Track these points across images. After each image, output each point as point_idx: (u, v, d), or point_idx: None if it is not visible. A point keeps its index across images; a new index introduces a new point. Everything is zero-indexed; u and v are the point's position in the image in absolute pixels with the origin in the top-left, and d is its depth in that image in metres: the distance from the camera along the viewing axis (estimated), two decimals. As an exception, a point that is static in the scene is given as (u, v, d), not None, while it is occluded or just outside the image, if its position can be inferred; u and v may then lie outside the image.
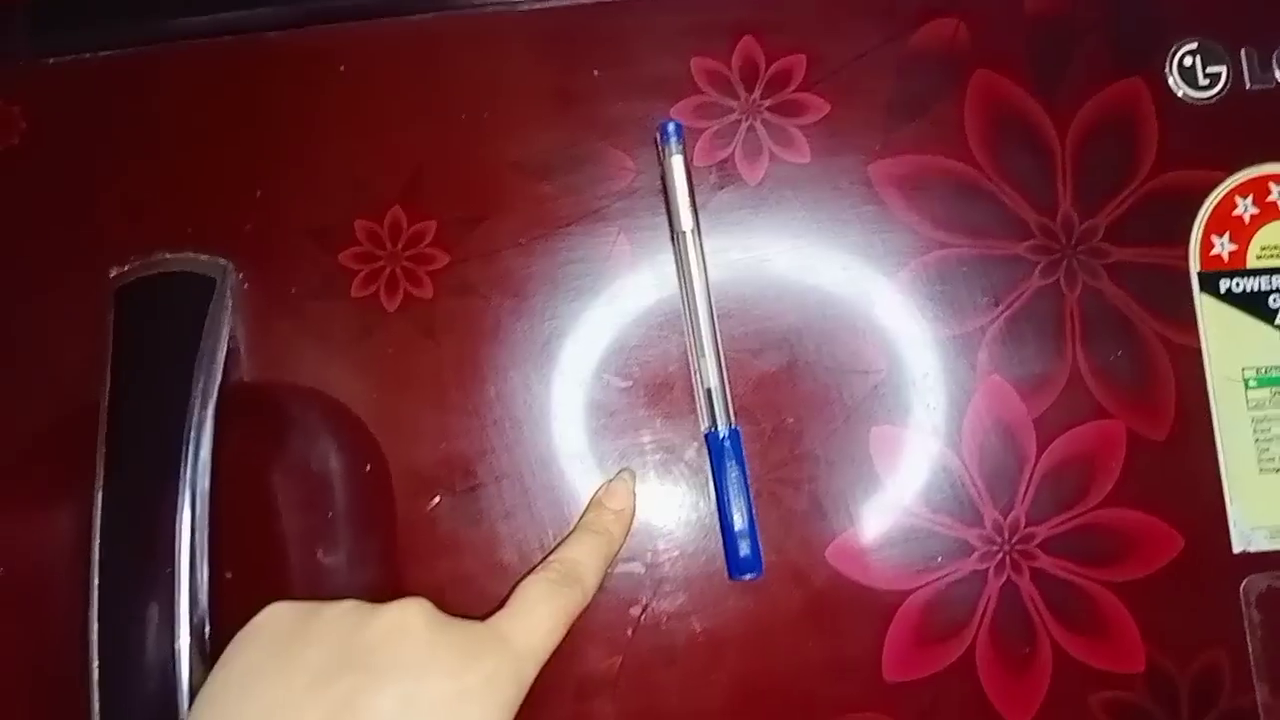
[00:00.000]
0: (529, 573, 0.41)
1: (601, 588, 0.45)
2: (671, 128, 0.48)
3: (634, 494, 0.47)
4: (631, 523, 0.46)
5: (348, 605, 0.37)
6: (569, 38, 0.50)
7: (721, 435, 0.46)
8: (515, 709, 0.37)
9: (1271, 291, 0.48)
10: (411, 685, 0.35)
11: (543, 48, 0.50)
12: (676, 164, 0.48)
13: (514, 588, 0.40)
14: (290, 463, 0.40)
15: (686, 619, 0.46)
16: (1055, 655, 0.45)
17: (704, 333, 0.47)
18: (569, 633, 0.39)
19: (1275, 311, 0.48)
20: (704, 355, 0.47)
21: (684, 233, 0.47)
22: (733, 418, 0.46)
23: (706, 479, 0.47)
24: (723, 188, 0.49)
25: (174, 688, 0.42)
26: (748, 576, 0.45)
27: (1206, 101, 0.49)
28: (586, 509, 0.46)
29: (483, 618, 0.38)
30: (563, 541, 0.44)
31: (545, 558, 0.43)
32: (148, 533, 0.43)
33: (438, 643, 0.36)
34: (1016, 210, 0.48)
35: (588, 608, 0.41)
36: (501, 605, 0.39)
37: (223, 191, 0.49)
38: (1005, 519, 0.46)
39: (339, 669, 0.35)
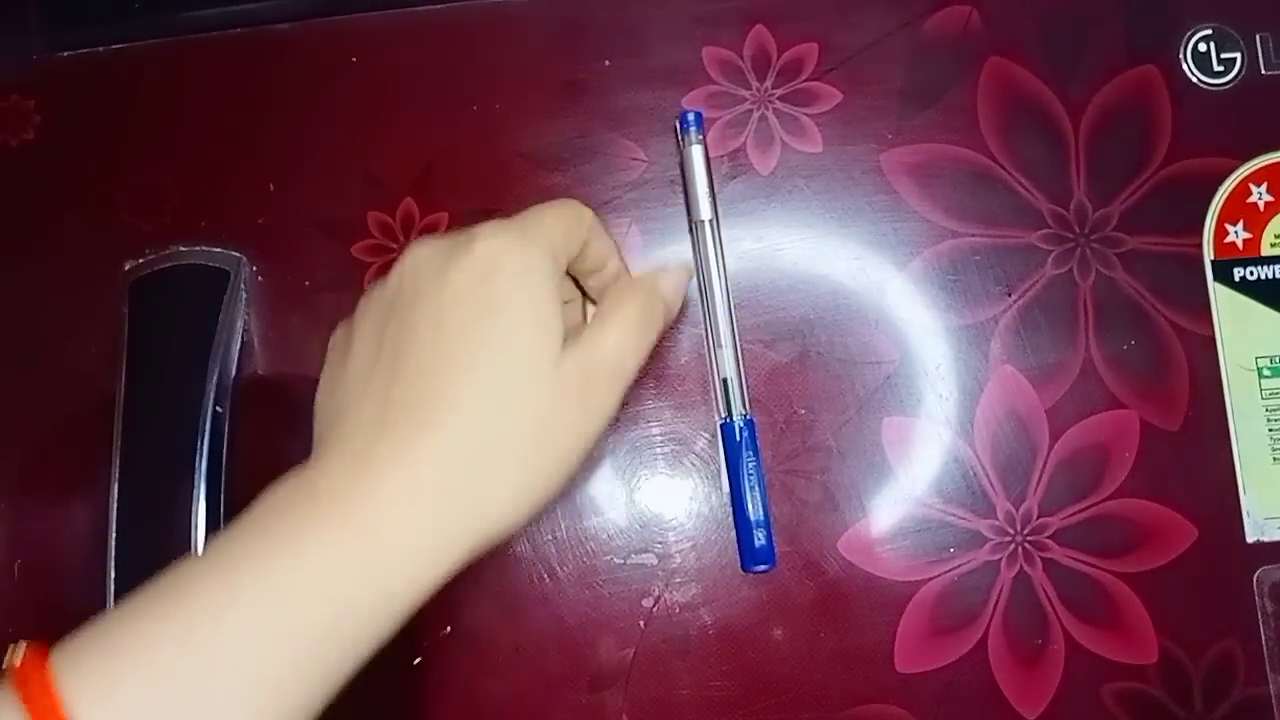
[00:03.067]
0: None
1: (614, 580, 0.46)
2: (692, 117, 0.47)
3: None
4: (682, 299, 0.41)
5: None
6: (580, 28, 0.50)
7: (737, 425, 0.46)
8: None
9: (1286, 280, 0.48)
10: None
11: (554, 38, 0.50)
12: (696, 154, 0.47)
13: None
14: (304, 454, 0.40)
15: (698, 610, 0.46)
16: (1068, 646, 0.45)
17: (720, 322, 0.47)
18: (581, 625, 0.39)
19: (1290, 300, 0.48)
20: (721, 345, 0.47)
21: (703, 222, 0.47)
22: (748, 408, 0.46)
23: (718, 470, 0.47)
24: (735, 178, 0.49)
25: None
26: (761, 568, 0.45)
27: (1221, 88, 0.49)
28: None
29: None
30: None
31: None
32: (163, 524, 0.44)
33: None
34: (1030, 199, 0.48)
35: (598, 603, 0.41)
36: None
37: (236, 184, 0.49)
38: (1018, 510, 0.46)
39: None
